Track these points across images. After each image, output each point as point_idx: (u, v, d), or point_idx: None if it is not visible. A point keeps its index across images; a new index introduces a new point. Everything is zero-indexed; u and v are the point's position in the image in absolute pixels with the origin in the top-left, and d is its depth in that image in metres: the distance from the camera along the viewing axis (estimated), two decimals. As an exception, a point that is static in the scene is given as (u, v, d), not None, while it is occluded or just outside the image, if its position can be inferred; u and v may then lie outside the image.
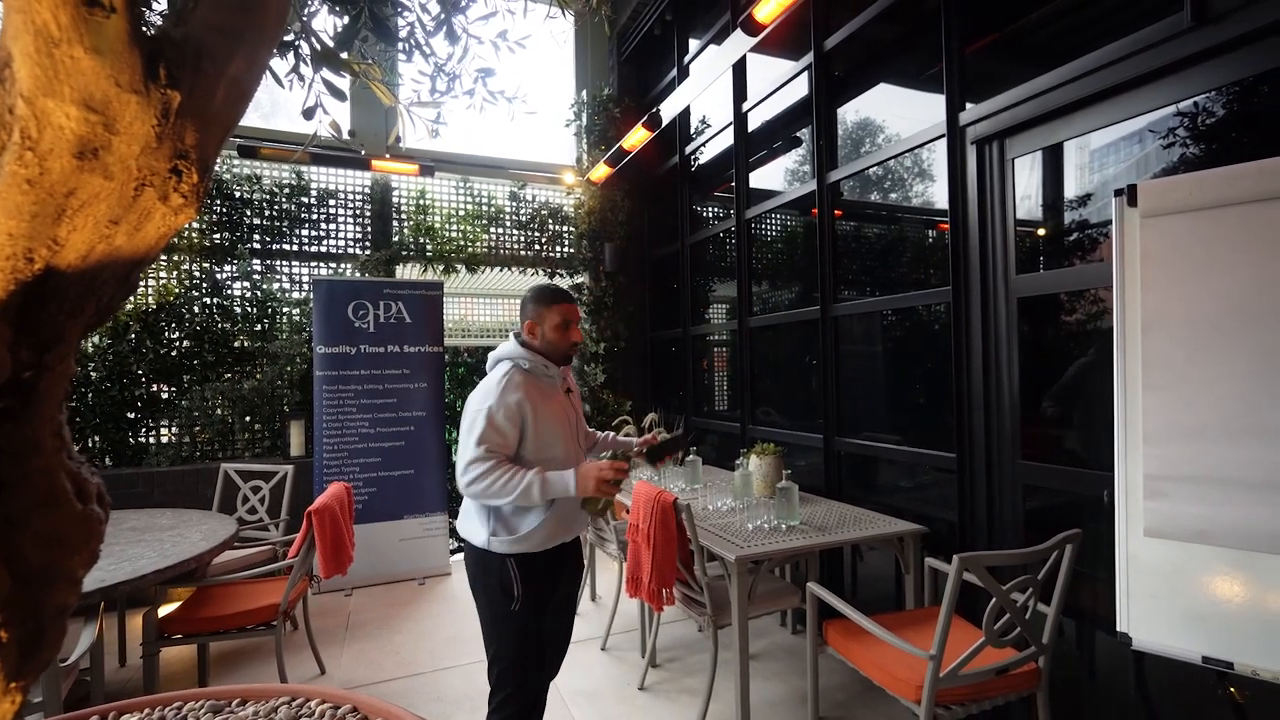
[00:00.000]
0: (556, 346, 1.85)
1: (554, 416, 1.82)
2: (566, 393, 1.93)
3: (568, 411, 1.90)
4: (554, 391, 1.87)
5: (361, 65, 1.18)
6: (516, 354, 1.82)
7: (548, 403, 1.81)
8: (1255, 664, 1.26)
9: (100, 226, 0.54)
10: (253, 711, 1.05)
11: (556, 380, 1.88)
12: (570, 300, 1.88)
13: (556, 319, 1.84)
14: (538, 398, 1.78)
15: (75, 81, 0.49)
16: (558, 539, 1.82)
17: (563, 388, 1.92)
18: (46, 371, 0.54)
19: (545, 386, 1.84)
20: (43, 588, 0.54)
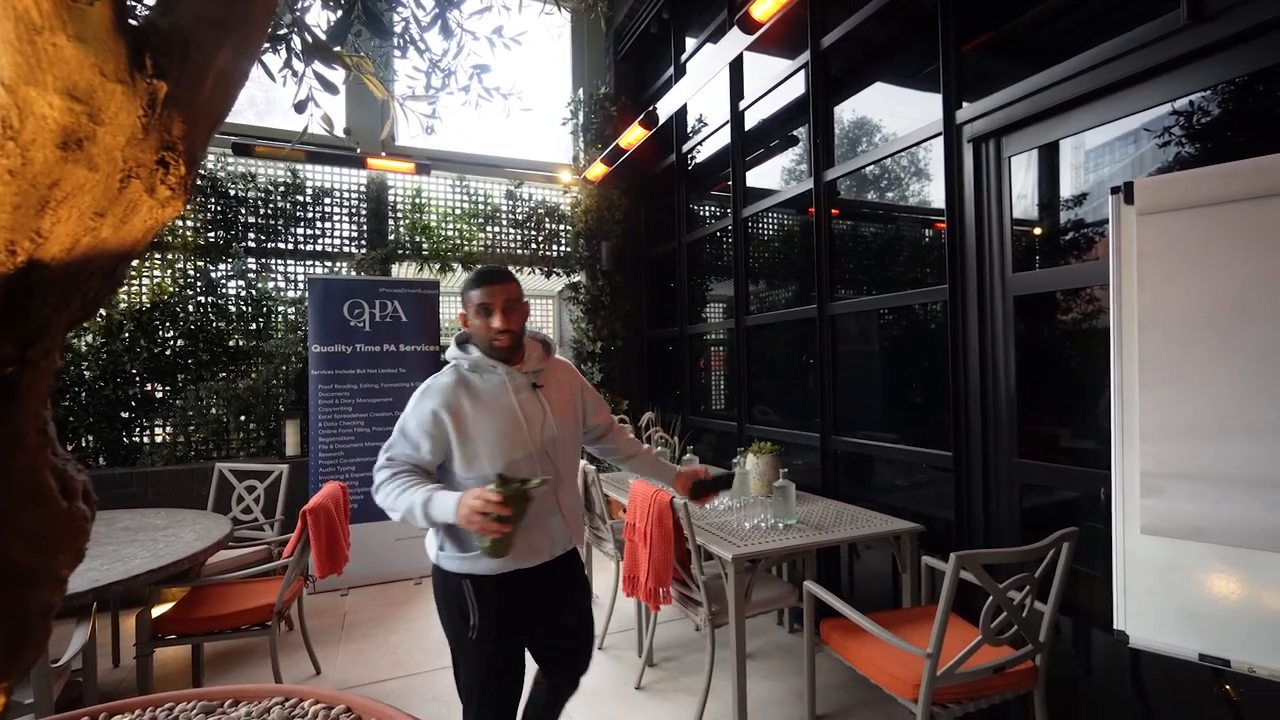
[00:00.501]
0: (481, 339, 1.59)
1: (493, 424, 1.54)
2: (535, 388, 1.62)
3: (532, 414, 1.59)
4: (500, 394, 1.58)
5: (354, 58, 1.17)
6: (453, 355, 1.63)
7: (487, 409, 1.55)
8: (1252, 661, 1.26)
9: (85, 219, 0.53)
10: (245, 712, 1.04)
11: (504, 379, 1.59)
12: (493, 279, 1.56)
13: (473, 305, 1.56)
14: (469, 406, 1.54)
15: (58, 70, 0.48)
16: (517, 563, 1.56)
17: (526, 384, 1.61)
18: (30, 367, 0.53)
19: (488, 389, 1.58)
20: (27, 587, 0.53)
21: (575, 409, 1.74)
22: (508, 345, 1.57)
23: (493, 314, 1.54)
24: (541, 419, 1.61)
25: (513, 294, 1.57)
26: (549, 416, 1.62)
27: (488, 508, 1.32)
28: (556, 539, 1.64)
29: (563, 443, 1.65)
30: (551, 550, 1.63)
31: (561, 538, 1.66)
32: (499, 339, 1.55)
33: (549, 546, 1.62)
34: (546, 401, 1.63)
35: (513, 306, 1.56)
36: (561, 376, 1.73)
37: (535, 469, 1.56)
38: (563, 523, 1.65)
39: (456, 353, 1.63)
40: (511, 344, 1.57)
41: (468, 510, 1.35)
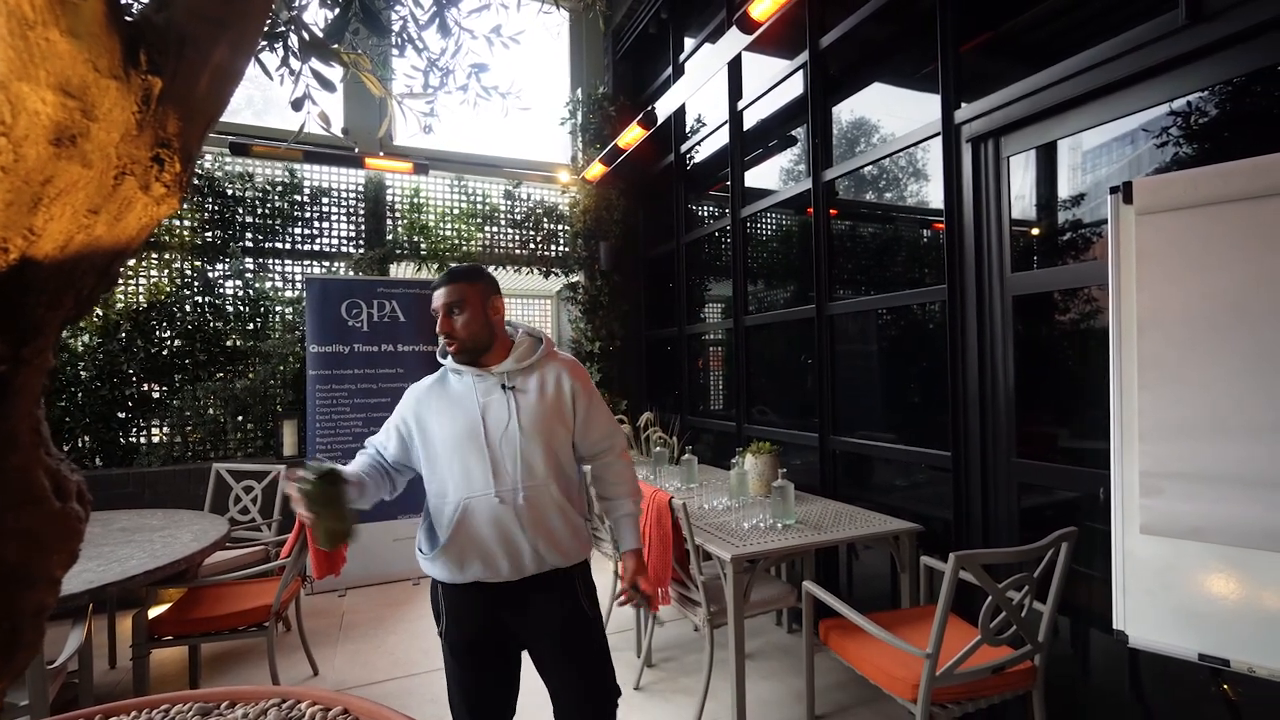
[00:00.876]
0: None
1: (449, 425, 1.48)
2: (506, 390, 1.51)
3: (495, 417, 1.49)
4: (465, 395, 1.51)
5: (351, 56, 1.16)
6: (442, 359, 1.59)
7: (448, 409, 1.50)
8: (1251, 661, 1.26)
9: (79, 216, 0.52)
10: (242, 714, 1.03)
11: (471, 381, 1.52)
12: (438, 284, 1.51)
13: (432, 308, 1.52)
14: (435, 405, 1.51)
15: (51, 66, 0.47)
16: (474, 573, 1.47)
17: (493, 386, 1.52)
18: (24, 365, 0.53)
19: (456, 390, 1.52)
20: (19, 588, 0.53)
21: (564, 414, 1.56)
22: (457, 349, 1.50)
23: (437, 318, 1.50)
24: (505, 424, 1.48)
25: (455, 296, 1.48)
26: (513, 422, 1.48)
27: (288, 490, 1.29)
28: (523, 557, 1.47)
29: (529, 451, 1.48)
30: (518, 569, 1.47)
31: (529, 557, 1.48)
32: (448, 344, 1.50)
33: (514, 564, 1.47)
34: (515, 404, 1.50)
35: (457, 309, 1.48)
36: (552, 376, 1.57)
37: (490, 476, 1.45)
38: (532, 540, 1.47)
39: (441, 358, 1.60)
40: (460, 350, 1.50)
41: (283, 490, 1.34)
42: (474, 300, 1.50)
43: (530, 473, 1.48)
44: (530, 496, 1.48)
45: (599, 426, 1.62)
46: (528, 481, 1.48)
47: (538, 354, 1.57)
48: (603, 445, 1.64)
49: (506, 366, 1.53)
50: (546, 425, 1.52)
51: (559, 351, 1.64)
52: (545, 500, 1.50)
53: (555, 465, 1.54)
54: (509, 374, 1.53)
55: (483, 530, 1.45)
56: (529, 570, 1.49)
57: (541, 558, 1.49)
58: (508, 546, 1.46)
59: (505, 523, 1.46)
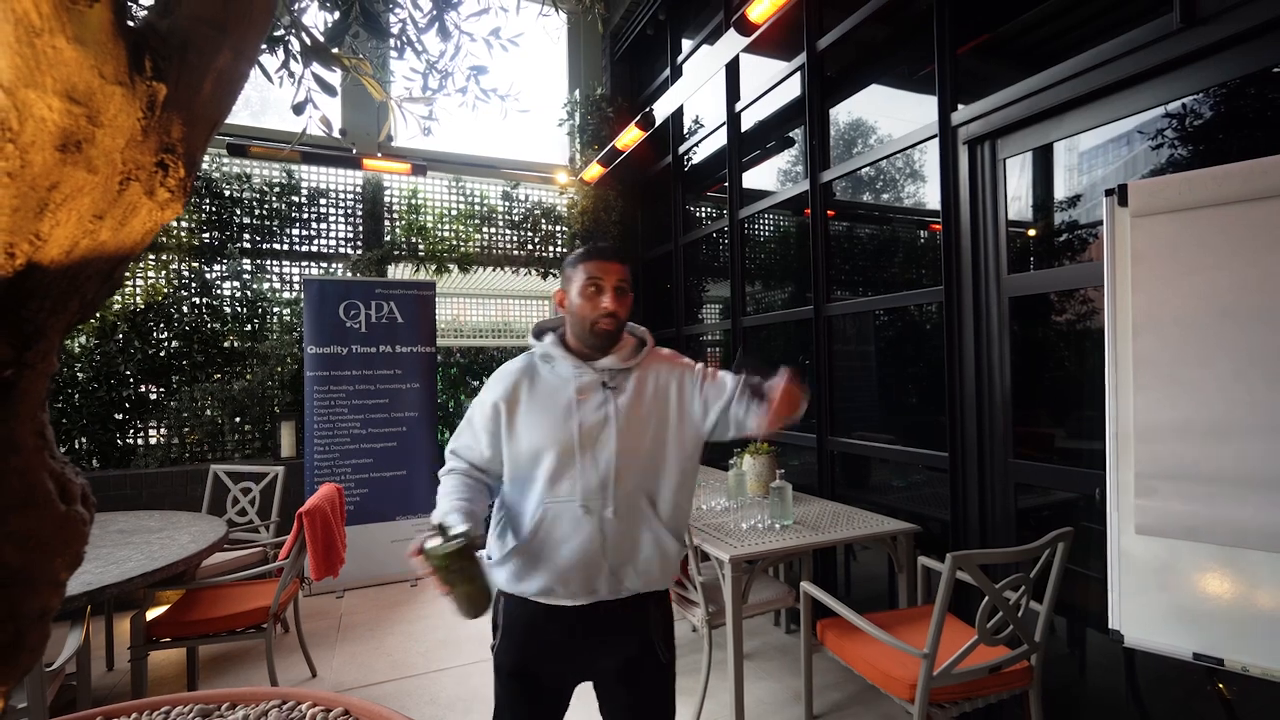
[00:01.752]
0: (582, 321, 1.34)
1: (539, 424, 1.33)
2: (605, 389, 1.35)
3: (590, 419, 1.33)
4: (559, 391, 1.35)
5: (352, 60, 1.17)
6: (534, 342, 1.43)
7: (539, 405, 1.35)
8: (1245, 660, 1.27)
9: (84, 221, 0.53)
10: (243, 715, 1.04)
11: (570, 374, 1.36)
12: (611, 255, 1.36)
13: (582, 279, 1.33)
14: (525, 398, 1.36)
15: (57, 72, 0.48)
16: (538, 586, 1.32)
17: (594, 383, 1.35)
18: (27, 369, 0.53)
19: (547, 384, 1.37)
20: (23, 590, 0.53)
21: (668, 417, 1.38)
22: (611, 330, 1.33)
23: (604, 293, 1.32)
24: (601, 429, 1.33)
25: (625, 277, 1.35)
26: (610, 426, 1.32)
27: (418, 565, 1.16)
28: (597, 578, 1.31)
29: (624, 460, 1.32)
30: (589, 590, 1.31)
31: (604, 580, 1.32)
32: (603, 322, 1.32)
33: (585, 585, 1.31)
34: (615, 407, 1.34)
35: (624, 291, 1.35)
36: (655, 378, 1.40)
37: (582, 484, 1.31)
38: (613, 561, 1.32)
39: (533, 340, 1.43)
40: (614, 331, 1.34)
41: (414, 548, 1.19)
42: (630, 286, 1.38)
43: (621, 483, 1.32)
44: (620, 510, 1.32)
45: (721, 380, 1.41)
46: (618, 493, 1.32)
47: (641, 354, 1.41)
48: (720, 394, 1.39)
49: (610, 363, 1.37)
50: (646, 434, 1.36)
51: (660, 349, 1.47)
52: (635, 516, 1.34)
53: (652, 477, 1.38)
54: (611, 371, 1.37)
55: (561, 542, 1.30)
56: (602, 594, 1.33)
57: (619, 581, 1.33)
58: (584, 563, 1.31)
59: (587, 537, 1.31)
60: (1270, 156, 1.31)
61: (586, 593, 1.32)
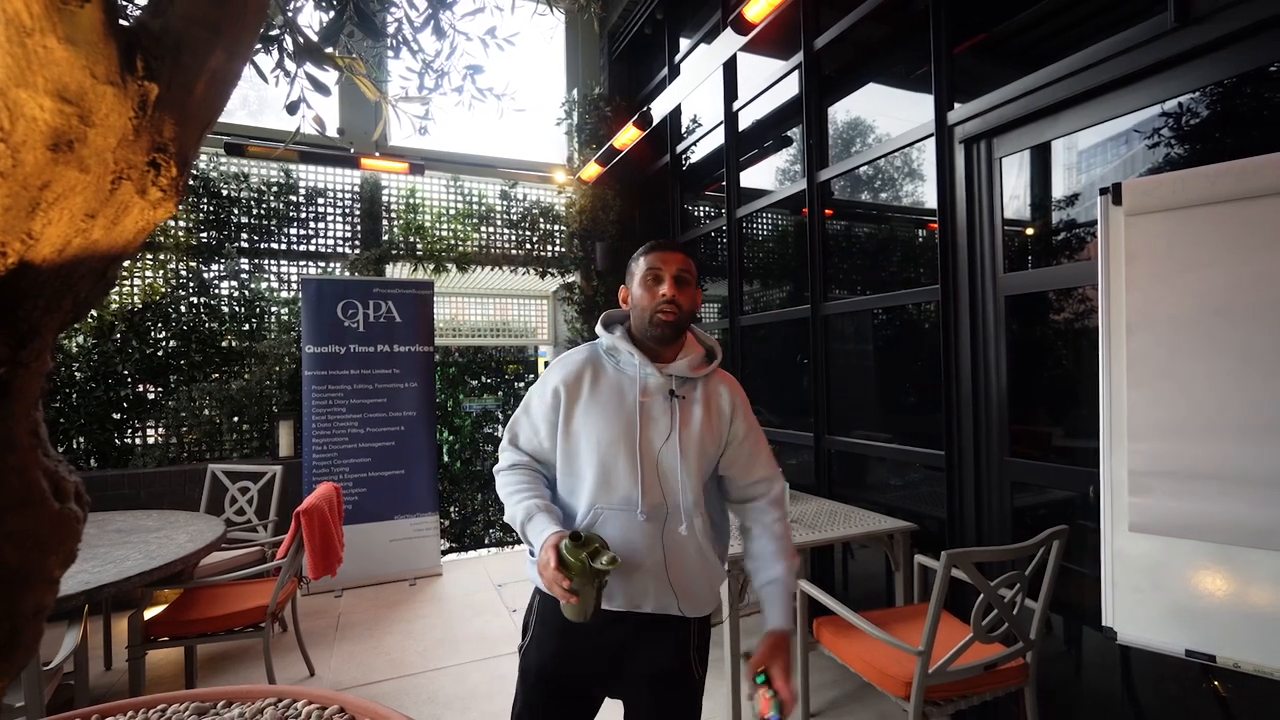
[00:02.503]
0: (642, 312, 1.30)
1: (602, 419, 1.27)
2: (673, 397, 1.30)
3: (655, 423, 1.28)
4: (625, 388, 1.30)
5: (347, 60, 1.17)
6: (601, 332, 1.38)
7: (603, 399, 1.29)
8: (1237, 656, 1.27)
9: (76, 220, 0.53)
10: (238, 713, 1.04)
11: (637, 373, 1.31)
12: (671, 247, 1.34)
13: (641, 272, 1.32)
14: (588, 390, 1.30)
15: (49, 72, 0.48)
16: None
17: (662, 388, 1.30)
18: (21, 368, 0.53)
19: (612, 379, 1.31)
20: (18, 588, 0.53)
21: (719, 435, 1.34)
22: (672, 320, 1.28)
23: (662, 281, 1.29)
24: (665, 435, 1.28)
25: (687, 267, 1.33)
26: (675, 435, 1.28)
27: (548, 570, 1.13)
28: (645, 593, 1.26)
29: (685, 474, 1.27)
30: (631, 601, 1.26)
31: (649, 595, 1.26)
32: (663, 310, 1.28)
33: (629, 597, 1.26)
34: (680, 417, 1.29)
35: (686, 281, 1.31)
36: (716, 395, 1.35)
37: (639, 490, 1.25)
38: (663, 576, 1.26)
39: (600, 331, 1.38)
40: (676, 321, 1.29)
41: (542, 563, 1.16)
42: (695, 278, 1.35)
43: (683, 497, 1.27)
44: (685, 523, 1.27)
45: (759, 456, 1.39)
46: (678, 506, 1.27)
47: (712, 366, 1.37)
48: (760, 486, 1.38)
49: (680, 369, 1.31)
50: (705, 447, 1.31)
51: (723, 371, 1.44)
52: (691, 533, 1.28)
53: (706, 496, 1.34)
54: (679, 379, 1.32)
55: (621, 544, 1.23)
56: (646, 609, 1.27)
57: (665, 599, 1.27)
58: (633, 574, 1.25)
59: (639, 548, 1.25)
60: (1262, 155, 1.32)
61: (630, 604, 1.26)
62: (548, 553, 1.13)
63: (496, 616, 3.42)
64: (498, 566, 4.39)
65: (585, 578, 1.11)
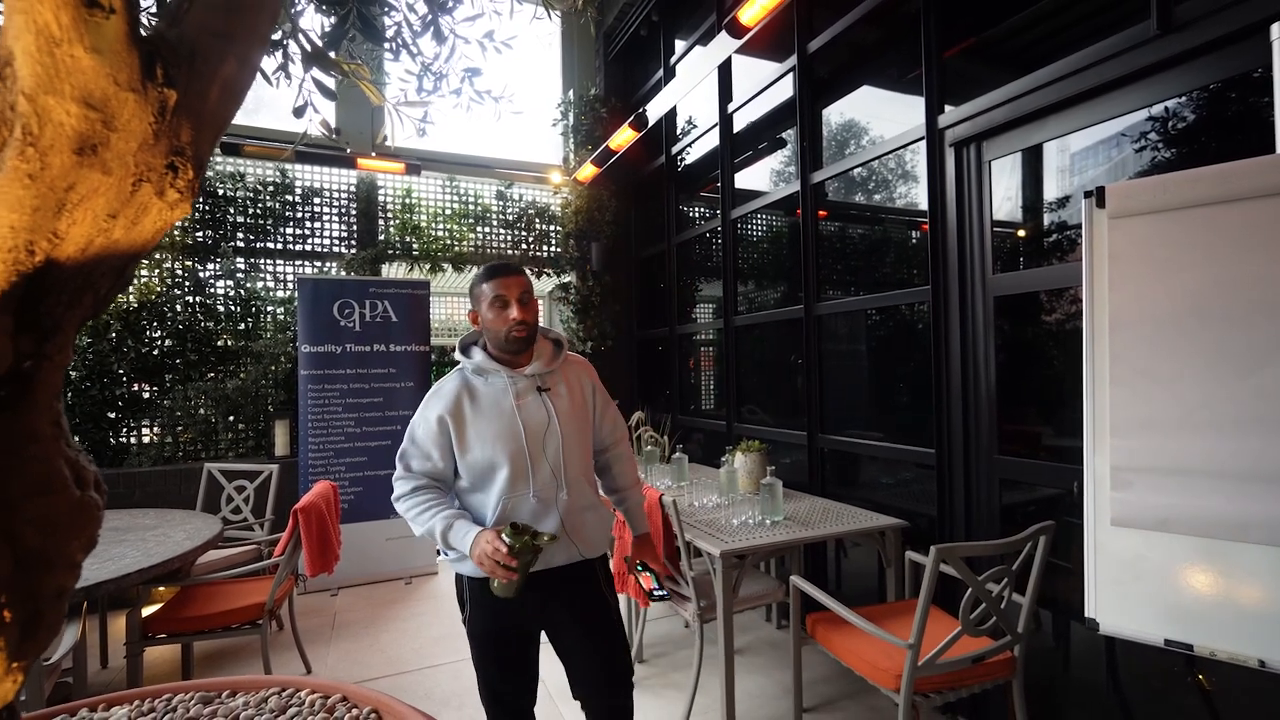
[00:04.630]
0: (496, 333, 1.53)
1: (490, 431, 1.51)
2: (540, 392, 1.57)
3: (533, 420, 1.54)
4: (500, 399, 1.54)
5: (351, 65, 1.19)
6: (459, 359, 1.62)
7: (485, 415, 1.53)
8: (1213, 646, 1.31)
9: (99, 220, 0.55)
10: (243, 702, 1.06)
11: (505, 384, 1.55)
12: (508, 271, 1.54)
13: (489, 296, 1.52)
14: (469, 411, 1.53)
15: (75, 80, 0.51)
16: None
17: (529, 388, 1.56)
18: (45, 361, 0.56)
19: (488, 394, 1.55)
20: (42, 571, 0.56)
21: (588, 413, 1.66)
22: (524, 336, 1.52)
23: (509, 305, 1.51)
24: (545, 425, 1.55)
25: (526, 286, 1.54)
26: (553, 423, 1.55)
27: (497, 556, 1.36)
28: (552, 550, 1.51)
29: (569, 450, 1.56)
30: (545, 560, 1.50)
31: (558, 552, 1.54)
32: (517, 330, 1.51)
33: (542, 557, 1.47)
34: (552, 406, 1.57)
35: (528, 299, 1.54)
36: (574, 377, 1.65)
37: (531, 476, 1.52)
38: (568, 536, 1.55)
39: (461, 357, 1.62)
40: (527, 335, 1.54)
41: (480, 553, 1.40)
42: (533, 292, 1.58)
43: (569, 472, 1.56)
44: (570, 495, 1.56)
45: (610, 417, 1.75)
46: (567, 480, 1.56)
47: (561, 357, 1.64)
48: (614, 436, 1.77)
49: (536, 369, 1.58)
50: (578, 425, 1.61)
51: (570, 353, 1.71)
52: (581, 497, 1.59)
53: (586, 463, 1.64)
54: (541, 376, 1.59)
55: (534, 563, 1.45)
56: (556, 562, 1.55)
57: (575, 550, 1.58)
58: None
59: (544, 521, 1.53)
60: (1239, 160, 1.36)
61: (546, 564, 1.51)
62: (494, 543, 1.37)
63: (492, 614, 3.44)
64: (493, 565, 4.40)
65: (525, 558, 1.37)
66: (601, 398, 1.72)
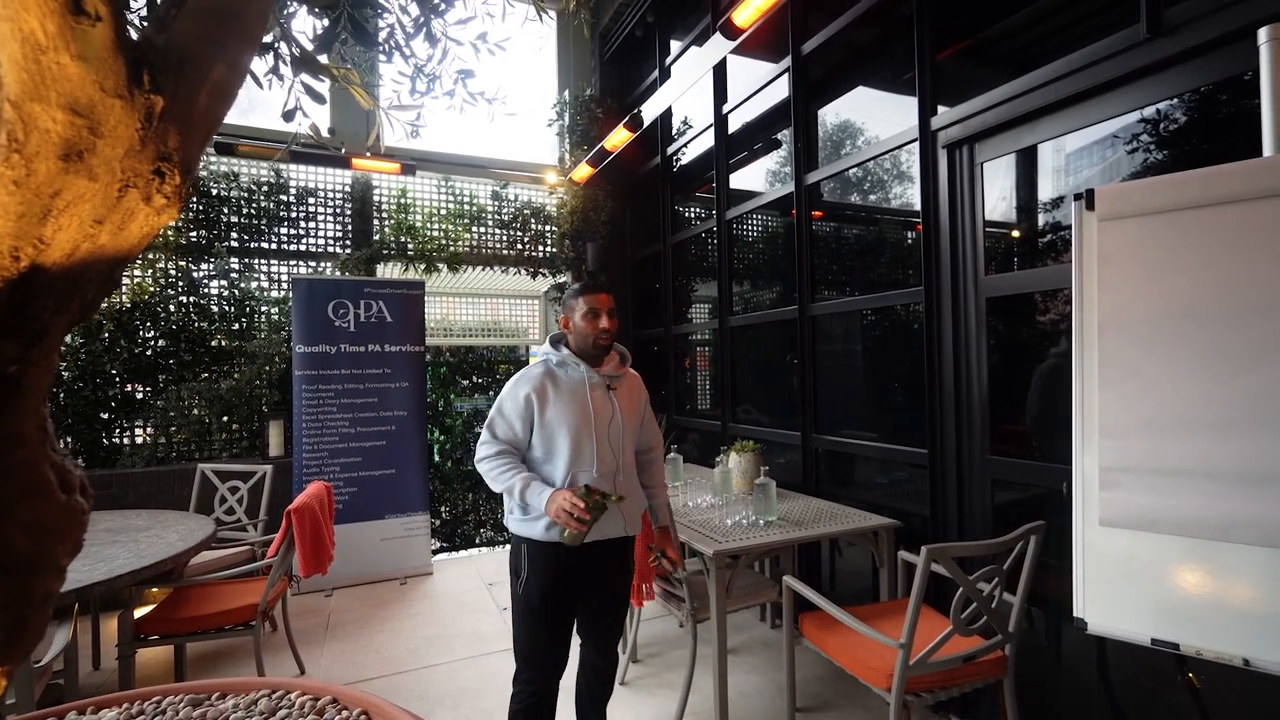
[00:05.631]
0: (585, 336, 1.87)
1: (568, 413, 1.83)
2: (608, 389, 1.91)
3: (601, 410, 1.88)
4: (578, 388, 1.87)
5: (341, 70, 1.19)
6: (545, 352, 1.93)
7: (565, 399, 1.84)
8: (1199, 645, 1.32)
9: (85, 226, 0.55)
10: (232, 704, 1.06)
11: (584, 377, 1.88)
12: (602, 288, 1.91)
13: (584, 308, 1.88)
14: (552, 394, 1.84)
15: (61, 87, 0.51)
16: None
17: (601, 385, 1.90)
18: (31, 366, 0.56)
19: (568, 383, 1.87)
20: (29, 575, 0.56)
21: (639, 416, 2.02)
22: (608, 344, 1.89)
23: (600, 317, 1.86)
24: (610, 416, 1.88)
25: (612, 304, 1.90)
26: (617, 415, 1.89)
27: (574, 509, 1.64)
28: (610, 524, 1.83)
29: (626, 440, 1.92)
30: (603, 533, 1.81)
31: (615, 524, 1.85)
32: (602, 338, 1.87)
33: (600, 529, 1.79)
34: (617, 402, 1.91)
35: (613, 314, 1.89)
36: (632, 386, 2.01)
37: (595, 457, 1.83)
38: (616, 512, 1.83)
39: (549, 349, 1.92)
40: (610, 343, 1.90)
41: (557, 507, 1.68)
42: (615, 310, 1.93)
43: (625, 456, 1.91)
44: (624, 475, 1.90)
45: (653, 426, 2.11)
46: (623, 462, 1.90)
47: (627, 365, 2.01)
48: (653, 441, 2.11)
49: (610, 371, 1.94)
50: (633, 422, 1.97)
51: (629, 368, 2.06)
52: (632, 479, 1.95)
53: (634, 456, 2.00)
54: (610, 377, 1.93)
55: None
56: (611, 534, 1.85)
57: (622, 526, 1.88)
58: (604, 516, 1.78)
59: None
60: (1227, 163, 1.37)
61: (604, 535, 1.82)
62: (570, 498, 1.67)
63: (487, 615, 3.44)
64: (488, 565, 4.41)
65: (595, 513, 1.67)
66: (649, 409, 2.08)
